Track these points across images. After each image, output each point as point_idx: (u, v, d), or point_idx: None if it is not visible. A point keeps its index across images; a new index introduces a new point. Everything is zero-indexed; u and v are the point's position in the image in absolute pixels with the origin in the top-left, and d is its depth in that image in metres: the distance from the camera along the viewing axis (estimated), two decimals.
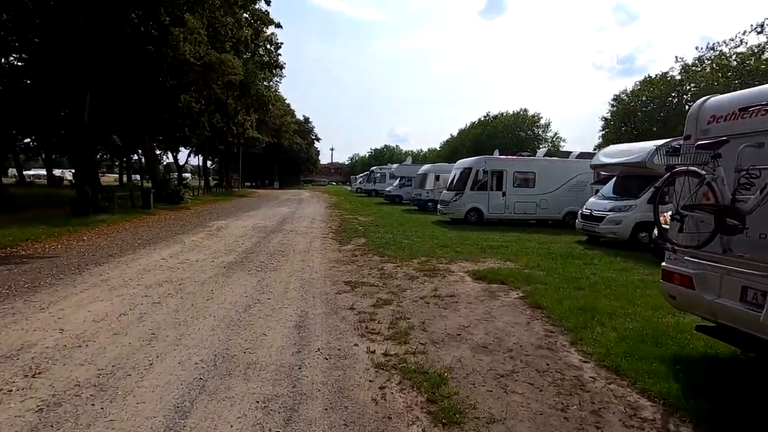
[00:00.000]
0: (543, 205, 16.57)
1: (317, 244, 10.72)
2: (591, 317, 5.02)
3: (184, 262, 7.90)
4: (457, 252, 9.75)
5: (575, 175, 16.75)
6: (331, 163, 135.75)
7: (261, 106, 25.80)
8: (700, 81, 37.08)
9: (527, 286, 6.59)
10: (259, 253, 9.17)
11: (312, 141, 77.85)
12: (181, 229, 12.99)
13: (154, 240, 10.57)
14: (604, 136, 47.04)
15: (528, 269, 7.99)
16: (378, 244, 10.53)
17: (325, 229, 14.00)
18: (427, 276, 7.28)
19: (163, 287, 6.11)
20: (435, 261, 8.66)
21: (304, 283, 6.61)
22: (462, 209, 16.22)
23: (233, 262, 8.05)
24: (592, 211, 12.16)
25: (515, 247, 10.78)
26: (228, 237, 11.47)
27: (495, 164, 16.47)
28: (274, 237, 11.71)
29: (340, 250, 9.90)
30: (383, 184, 39.33)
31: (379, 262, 8.50)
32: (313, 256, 9.04)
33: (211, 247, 9.72)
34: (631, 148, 12.22)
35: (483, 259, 8.98)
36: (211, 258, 8.44)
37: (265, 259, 8.44)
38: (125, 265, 7.57)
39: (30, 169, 70.82)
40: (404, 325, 4.77)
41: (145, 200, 19.03)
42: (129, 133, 26.22)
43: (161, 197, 21.87)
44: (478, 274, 7.38)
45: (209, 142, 32.42)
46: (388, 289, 6.33)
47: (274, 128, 44.46)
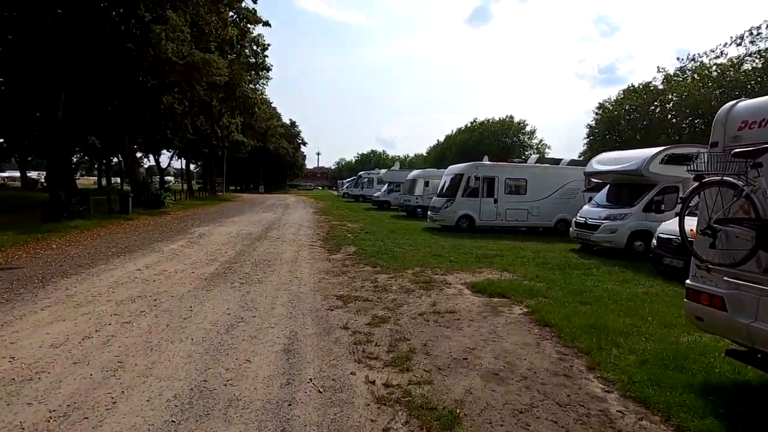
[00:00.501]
0: (534, 212, 16.36)
1: (305, 252, 10.21)
2: (604, 336, 4.66)
3: (161, 274, 7.31)
4: (451, 262, 9.36)
5: (567, 182, 16.61)
6: (317, 168, 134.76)
7: (246, 109, 25.11)
8: (682, 91, 37.86)
9: (530, 300, 6.23)
10: (243, 263, 8.62)
11: (298, 145, 76.98)
12: (160, 236, 12.31)
13: (130, 248, 9.90)
14: (589, 144, 47.60)
15: (528, 281, 7.64)
16: (369, 253, 10.07)
17: (313, 236, 13.48)
18: (424, 289, 6.85)
19: (136, 303, 5.53)
20: (430, 272, 8.25)
21: (292, 298, 6.11)
22: (453, 216, 15.89)
23: (215, 274, 7.49)
24: (586, 220, 11.94)
25: (510, 256, 10.46)
26: (210, 245, 10.87)
27: (486, 170, 16.21)
28: (259, 245, 11.15)
29: (330, 259, 9.42)
30: (371, 189, 38.89)
31: (372, 273, 8.05)
32: (301, 266, 8.53)
33: (192, 257, 9.12)
34: (626, 156, 12.09)
35: (479, 270, 8.61)
36: (191, 269, 7.86)
37: (250, 270, 7.90)
38: (95, 277, 6.94)
39: (5, 171, 68.20)
40: (404, 347, 4.33)
41: (123, 205, 18.21)
42: (108, 135, 25.23)
43: (141, 201, 20.99)
44: (477, 287, 6.99)
45: (193, 145, 31.52)
46: (384, 305, 5.88)
47: (260, 132, 43.66)
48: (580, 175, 16.72)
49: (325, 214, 22.72)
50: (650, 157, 10.89)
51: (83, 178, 76.73)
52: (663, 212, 10.98)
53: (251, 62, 24.49)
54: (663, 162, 10.92)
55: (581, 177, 16.67)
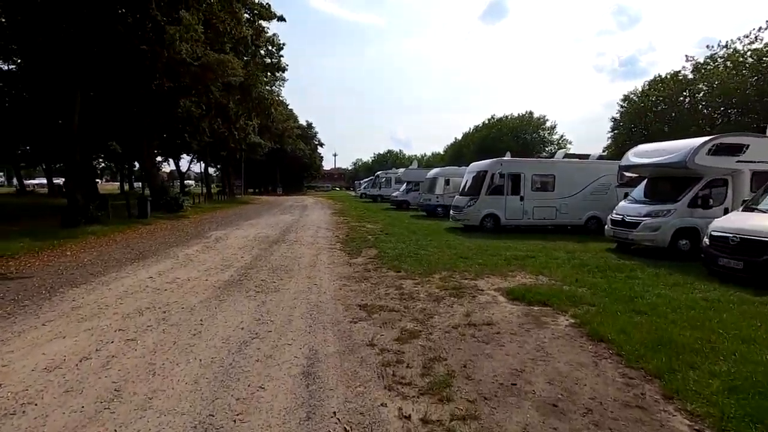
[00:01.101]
0: (563, 210, 15.50)
1: (324, 256, 9.72)
2: (673, 355, 3.97)
3: (174, 282, 6.91)
4: (480, 265, 8.71)
5: (598, 177, 15.69)
6: (334, 169, 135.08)
7: (263, 110, 24.86)
8: (714, 79, 36.03)
9: (575, 309, 5.55)
10: (259, 269, 8.18)
11: (315, 146, 77.09)
12: (176, 240, 12.03)
13: (144, 254, 9.60)
14: (614, 138, 45.98)
15: (568, 286, 6.95)
16: (391, 256, 9.51)
17: (332, 238, 13.00)
18: (454, 296, 6.25)
19: (144, 316, 5.11)
20: (458, 276, 7.63)
21: (311, 308, 5.59)
22: (477, 215, 15.17)
23: (230, 281, 7.05)
24: (624, 217, 11.08)
25: (543, 258, 9.73)
26: (226, 249, 10.49)
27: (512, 167, 15.43)
28: (276, 249, 10.72)
29: (350, 263, 8.89)
30: (388, 189, 38.34)
31: (396, 278, 7.48)
32: (320, 271, 8.03)
33: (207, 262, 8.73)
34: (667, 147, 11.18)
35: (512, 274, 7.94)
36: (205, 276, 7.44)
37: (266, 277, 7.44)
38: (105, 286, 6.59)
39: (35, 179, 70.45)
40: (441, 369, 3.75)
41: (141, 209, 18.13)
42: (128, 140, 25.43)
43: (159, 205, 20.97)
44: (512, 294, 6.34)
45: (211, 148, 31.61)
46: (412, 315, 5.31)
47: (276, 133, 43.65)
48: (611, 170, 15.82)
49: (343, 215, 22.28)
50: (696, 148, 9.98)
51: (108, 184, 78.88)
52: (711, 208, 10.08)
53: (267, 63, 24.27)
54: (711, 153, 10.00)
55: (613, 172, 15.79)
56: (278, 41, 23.99)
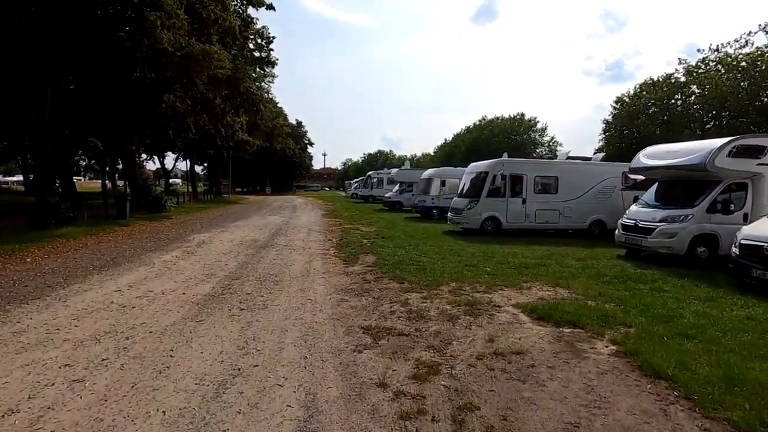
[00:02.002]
0: (567, 213, 14.86)
1: (318, 264, 8.85)
2: (756, 398, 3.23)
3: (145, 297, 5.98)
4: (489, 274, 7.94)
5: (601, 179, 15.10)
6: (323, 169, 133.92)
7: (251, 106, 23.79)
8: (707, 83, 36.03)
9: (612, 332, 4.81)
10: (245, 279, 7.27)
11: (305, 146, 75.86)
12: (154, 244, 11.02)
13: (116, 261, 8.61)
14: (607, 140, 45.91)
15: (592, 301, 6.21)
16: (391, 264, 8.68)
17: (325, 242, 12.12)
18: (470, 315, 5.45)
19: (101, 344, 4.19)
20: (469, 288, 6.84)
21: (306, 332, 4.73)
22: (477, 218, 14.43)
23: (210, 295, 6.14)
24: (637, 222, 10.43)
25: (554, 265, 9.02)
26: (209, 255, 9.55)
27: (513, 168, 14.73)
28: (265, 254, 9.81)
29: (347, 272, 8.04)
30: (380, 189, 37.60)
31: (400, 290, 6.65)
32: (314, 282, 7.16)
33: (186, 271, 7.79)
34: (682, 149, 10.56)
35: (526, 286, 7.18)
36: (183, 288, 6.52)
37: (253, 289, 6.54)
38: (62, 302, 5.62)
39: (13, 175, 67.57)
40: (477, 425, 2.93)
41: (120, 209, 16.99)
42: (108, 136, 24.15)
43: (140, 205, 19.83)
44: (535, 311, 5.56)
45: (196, 145, 30.37)
46: (426, 341, 4.49)
47: (265, 131, 42.44)
48: (615, 172, 15.27)
49: (335, 217, 21.39)
50: (716, 150, 9.37)
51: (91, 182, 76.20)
52: (732, 213, 9.48)
53: (255, 56, 23.21)
54: (731, 155, 9.40)
55: (617, 174, 15.23)
56: (268, 34, 22.96)
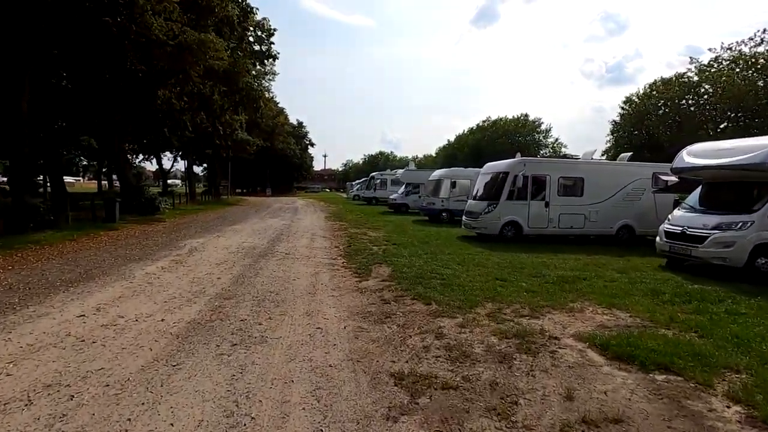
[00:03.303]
0: (593, 217, 13.65)
1: (325, 277, 7.64)
2: None
3: (113, 326, 4.77)
4: (527, 292, 6.73)
5: (630, 181, 13.91)
6: (324, 170, 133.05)
7: (250, 103, 22.58)
8: (722, 81, 34.86)
9: (720, 381, 3.62)
10: (240, 298, 6.07)
11: (306, 146, 74.79)
12: (140, 251, 9.82)
13: (90, 273, 7.40)
14: (615, 141, 44.84)
15: (664, 328, 5.06)
16: (410, 277, 7.48)
17: (331, 249, 10.93)
18: (526, 352, 4.25)
19: (30, 411, 2.98)
20: (510, 311, 5.65)
21: (317, 383, 3.52)
22: (496, 223, 13.22)
23: (196, 323, 4.94)
24: (684, 229, 9.22)
25: (595, 278, 7.84)
26: (200, 266, 8.34)
27: (536, 168, 13.53)
28: (264, 265, 8.61)
29: (360, 288, 6.84)
30: (384, 191, 36.49)
31: (428, 314, 5.46)
32: (322, 303, 5.96)
33: (171, 287, 6.59)
34: (735, 146, 9.35)
35: (576, 306, 5.98)
36: (163, 312, 5.32)
37: (249, 314, 5.34)
38: (4, 333, 4.42)
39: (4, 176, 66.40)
40: None
41: (108, 211, 15.81)
42: (101, 134, 22.99)
43: (132, 207, 18.65)
44: (606, 347, 4.36)
45: (194, 145, 29.18)
46: (483, 400, 3.28)
47: (266, 130, 41.24)
48: (645, 173, 14.08)
49: (339, 220, 20.19)
50: None
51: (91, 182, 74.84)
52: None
53: (255, 50, 21.98)
54: None
55: (647, 175, 14.03)
56: (269, 26, 21.67)
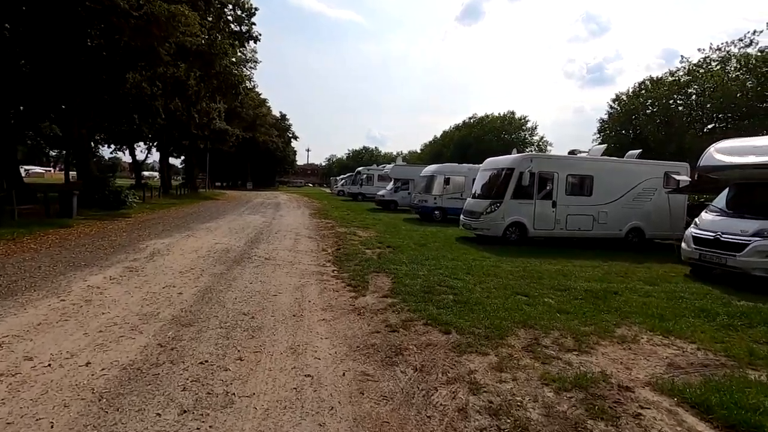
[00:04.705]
0: (602, 218, 12.64)
1: (313, 291, 6.29)
2: None
3: (11, 376, 3.32)
4: (560, 312, 5.55)
5: (640, 180, 12.94)
6: (307, 164, 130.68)
7: (229, 88, 20.79)
8: (712, 81, 34.66)
9: None
10: (202, 325, 4.66)
11: (289, 139, 72.58)
12: (90, 255, 8.24)
13: (13, 287, 5.84)
14: (603, 139, 44.56)
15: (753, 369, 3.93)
16: (416, 292, 6.19)
17: (318, 253, 9.55)
18: (600, 417, 3.03)
19: None
20: (550, 342, 4.45)
21: None
22: (500, 224, 12.06)
23: (134, 369, 3.52)
24: (718, 235, 8.21)
25: (628, 293, 6.77)
26: (159, 275, 6.87)
27: (543, 164, 12.41)
28: (239, 274, 7.19)
29: (357, 308, 5.52)
30: (370, 186, 35.20)
31: (450, 348, 4.19)
32: (311, 331, 4.61)
33: (114, 308, 5.13)
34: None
35: (627, 334, 4.83)
36: (91, 350, 3.88)
37: (212, 353, 3.94)
38: None
39: None
40: None
41: (64, 206, 14.01)
42: (61, 120, 20.91)
43: (95, 201, 16.82)
44: (710, 410, 3.19)
45: (167, 134, 27.14)
46: None
47: (247, 120, 39.16)
48: (657, 172, 13.16)
49: (325, 217, 18.77)
50: None
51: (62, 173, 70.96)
52: None
53: (235, 30, 20.16)
54: None
55: (658, 174, 13.13)
56: (250, 5, 19.73)
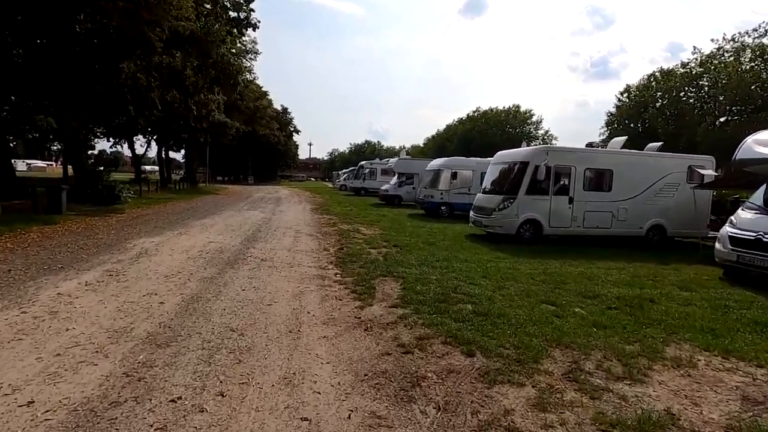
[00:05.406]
0: (621, 215, 11.86)
1: (313, 299, 5.57)
2: None
3: None
4: (596, 326, 4.82)
5: (663, 175, 12.13)
6: (309, 158, 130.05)
7: (227, 79, 20.01)
8: (726, 72, 33.53)
9: None
10: (181, 346, 3.94)
11: (290, 133, 71.73)
12: (69, 257, 7.53)
13: None
14: (611, 133, 43.52)
15: None
16: (429, 301, 5.46)
17: (320, 253, 8.83)
18: None
19: None
20: (594, 367, 3.73)
21: None
22: (513, 221, 11.29)
23: (87, 410, 2.80)
24: (761, 236, 7.44)
25: (665, 301, 6.05)
26: (142, 280, 6.16)
27: (559, 158, 11.59)
28: (230, 278, 6.48)
29: (363, 321, 4.80)
30: (373, 181, 34.46)
31: (477, 378, 3.47)
32: (310, 353, 3.89)
33: (81, 322, 4.42)
34: None
35: (681, 355, 4.11)
36: (41, 381, 3.16)
37: (188, 384, 3.22)
38: None
39: None
40: None
41: (53, 201, 13.33)
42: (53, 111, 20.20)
43: (87, 196, 16.16)
44: None
45: (164, 126, 26.40)
46: None
47: (247, 113, 38.30)
48: (680, 166, 12.36)
49: (326, 213, 18.04)
50: None
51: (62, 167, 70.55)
52: None
53: (232, 17, 19.32)
54: None
55: (681, 168, 12.33)
56: None
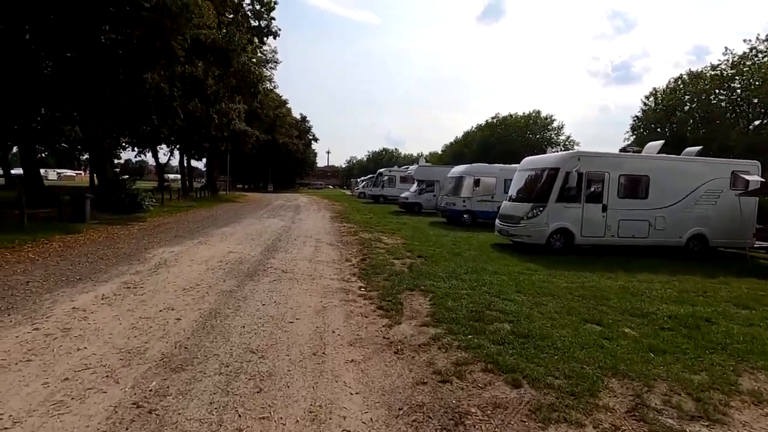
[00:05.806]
0: (659, 224, 11.17)
1: (338, 316, 5.20)
2: None
3: None
4: (652, 350, 4.31)
5: (704, 181, 11.40)
6: (327, 166, 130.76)
7: (248, 87, 20.10)
8: (762, 74, 31.99)
9: None
10: (197, 370, 3.61)
11: (309, 141, 72.25)
12: (88, 267, 7.39)
13: None
14: (637, 138, 42.20)
15: None
16: (463, 319, 5.03)
17: (342, 264, 8.48)
18: None
19: None
20: (660, 403, 3.31)
21: None
22: (543, 230, 10.73)
23: None
24: None
25: (723, 320, 5.52)
26: (159, 293, 5.92)
27: (591, 164, 11.00)
28: (250, 292, 6.18)
29: (393, 342, 4.40)
30: (392, 188, 34.18)
31: (528, 415, 3.04)
32: (337, 381, 3.50)
33: (94, 341, 4.16)
34: None
35: (760, 389, 3.55)
36: (44, 412, 2.85)
37: (202, 419, 2.88)
38: None
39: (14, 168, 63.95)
40: None
41: (77, 210, 13.43)
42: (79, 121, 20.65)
43: (110, 204, 16.29)
44: None
45: (187, 135, 26.79)
46: None
47: (267, 121, 38.66)
48: (723, 172, 11.61)
49: (346, 221, 17.75)
50: None
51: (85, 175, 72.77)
52: None
53: (252, 25, 19.41)
54: None
55: (724, 174, 11.58)
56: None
